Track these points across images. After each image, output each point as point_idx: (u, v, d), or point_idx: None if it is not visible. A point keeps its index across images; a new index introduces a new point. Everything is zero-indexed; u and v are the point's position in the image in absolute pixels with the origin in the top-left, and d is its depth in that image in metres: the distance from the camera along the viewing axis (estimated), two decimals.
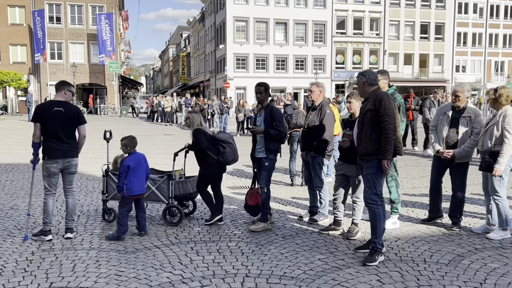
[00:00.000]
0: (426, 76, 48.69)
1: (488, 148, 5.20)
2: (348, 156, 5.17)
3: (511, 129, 5.04)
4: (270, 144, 5.57)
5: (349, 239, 5.19)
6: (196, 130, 5.81)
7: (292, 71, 44.95)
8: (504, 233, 5.17)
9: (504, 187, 5.18)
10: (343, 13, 45.73)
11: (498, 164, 5.03)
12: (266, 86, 5.71)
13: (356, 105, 5.21)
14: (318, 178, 5.90)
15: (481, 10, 49.97)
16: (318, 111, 5.88)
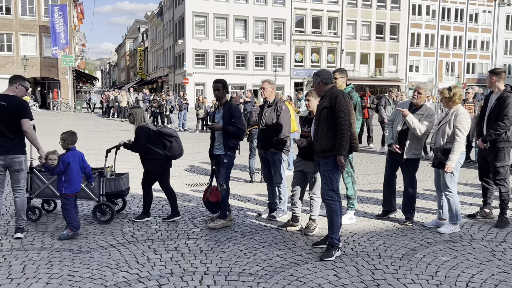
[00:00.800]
0: (381, 76, 50.04)
1: (441, 145, 5.39)
2: (306, 153, 5.23)
3: (462, 128, 5.25)
4: (229, 141, 5.56)
5: (307, 235, 5.26)
6: (139, 128, 5.70)
7: (252, 68, 45.03)
8: (454, 227, 5.39)
9: (455, 183, 5.39)
10: (302, 11, 46.24)
11: (450, 161, 5.23)
12: (224, 82, 5.68)
13: (315, 103, 5.27)
14: (279, 174, 5.94)
15: (433, 12, 51.85)
16: (273, 108, 5.93)
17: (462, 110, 5.36)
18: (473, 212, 6.12)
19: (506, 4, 54.25)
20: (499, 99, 5.62)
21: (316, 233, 5.29)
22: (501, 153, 5.66)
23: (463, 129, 5.25)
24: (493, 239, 5.13)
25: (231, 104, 5.66)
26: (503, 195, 5.68)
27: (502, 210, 5.70)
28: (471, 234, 5.32)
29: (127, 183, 6.10)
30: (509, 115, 5.51)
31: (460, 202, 5.68)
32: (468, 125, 5.30)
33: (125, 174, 6.09)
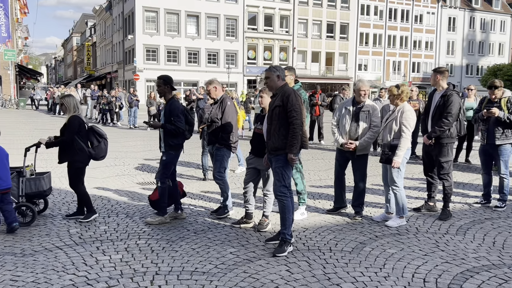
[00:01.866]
0: (331, 74, 51.11)
1: (388, 141, 5.57)
2: (258, 150, 5.24)
3: (408, 124, 5.43)
4: (169, 139, 5.48)
5: (260, 231, 5.27)
6: (72, 117, 5.53)
7: (205, 65, 44.70)
8: (401, 221, 5.58)
9: (401, 178, 5.58)
10: (255, 9, 46.38)
11: (396, 156, 5.41)
12: (166, 78, 5.55)
13: (267, 100, 5.29)
14: (218, 171, 5.90)
15: (381, 12, 53.52)
16: (219, 104, 5.95)
17: (407, 108, 5.55)
18: (418, 206, 6.36)
19: (448, 6, 56.87)
20: (443, 97, 5.87)
21: (269, 230, 5.32)
22: (445, 148, 5.91)
23: (408, 125, 5.43)
24: (437, 231, 5.36)
25: (173, 102, 5.54)
26: (446, 189, 5.94)
27: (445, 203, 5.96)
28: (416, 226, 5.53)
29: (49, 182, 5.85)
30: (453, 113, 5.76)
31: (406, 196, 5.89)
32: (413, 122, 5.49)
33: (46, 174, 5.83)
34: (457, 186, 7.84)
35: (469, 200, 6.89)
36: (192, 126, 5.75)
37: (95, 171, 9.00)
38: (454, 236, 5.14)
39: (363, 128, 5.73)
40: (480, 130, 6.64)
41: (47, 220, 5.63)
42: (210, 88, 6.09)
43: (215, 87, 6.08)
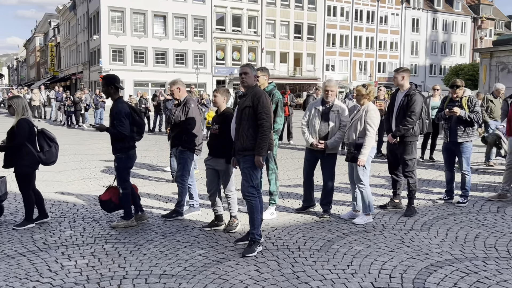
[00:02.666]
0: (300, 74, 51.55)
1: (353, 140, 5.66)
2: (215, 150, 5.22)
3: (372, 123, 5.54)
4: (116, 143, 5.33)
5: (229, 232, 5.27)
6: (21, 119, 5.28)
7: (173, 65, 44.27)
8: (367, 218, 5.69)
9: (367, 176, 5.69)
10: (222, 9, 46.30)
11: (361, 155, 5.51)
12: (108, 78, 5.36)
13: (221, 99, 5.27)
14: (181, 174, 5.82)
15: (347, 13, 54.38)
16: (183, 106, 5.87)
17: (372, 107, 5.66)
18: (384, 203, 6.50)
19: (411, 8, 58.33)
20: (407, 96, 6.01)
21: (239, 230, 5.32)
22: (409, 147, 6.06)
23: (373, 124, 5.54)
24: (402, 227, 5.49)
25: (117, 104, 5.32)
26: (411, 186, 6.09)
27: (410, 200, 6.11)
28: (382, 223, 5.65)
29: (4, 187, 5.67)
30: (416, 111, 5.91)
31: (372, 193, 6.01)
32: (377, 120, 5.60)
33: (1, 178, 5.64)
34: (421, 183, 8.05)
35: (433, 196, 7.09)
36: (140, 127, 5.54)
37: (60, 175, 8.78)
38: (419, 232, 5.28)
39: (332, 127, 5.81)
40: (443, 129, 6.84)
41: (9, 227, 5.45)
42: (174, 89, 5.98)
43: (179, 88, 5.97)
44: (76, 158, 11.11)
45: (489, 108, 9.92)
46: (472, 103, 6.40)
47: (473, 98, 6.49)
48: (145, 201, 6.77)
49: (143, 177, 8.76)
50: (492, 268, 4.16)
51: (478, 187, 7.80)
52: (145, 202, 6.72)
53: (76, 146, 13.90)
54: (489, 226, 5.48)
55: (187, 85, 10.57)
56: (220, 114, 5.31)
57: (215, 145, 5.23)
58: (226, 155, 5.16)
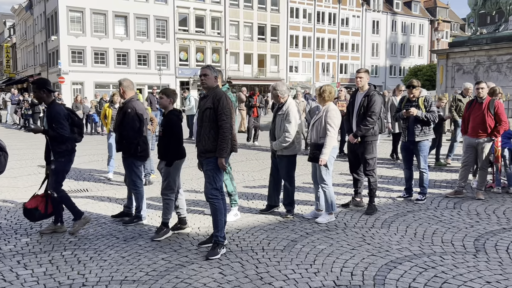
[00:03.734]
0: (264, 75, 51.76)
1: (315, 140, 5.73)
2: (160, 152, 5.20)
3: (333, 123, 5.62)
4: (56, 146, 5.15)
5: (154, 239, 5.06)
6: None
7: (135, 67, 43.51)
8: (330, 217, 5.77)
9: (329, 175, 5.77)
10: (185, 10, 45.91)
11: (323, 155, 5.57)
12: (39, 83, 5.17)
13: (167, 101, 5.22)
14: (131, 180, 5.67)
15: (309, 15, 55.04)
16: (120, 109, 5.68)
17: (332, 107, 5.74)
18: (346, 202, 6.61)
19: (371, 10, 59.68)
20: (366, 97, 6.14)
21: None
22: (369, 146, 6.19)
23: (333, 124, 5.62)
24: (364, 225, 5.59)
25: (53, 107, 5.14)
26: (371, 184, 6.22)
27: (371, 198, 6.24)
28: (344, 222, 5.74)
29: None
30: (376, 111, 6.05)
31: (334, 193, 6.09)
32: (338, 120, 5.69)
33: None
34: (382, 181, 8.25)
35: (393, 194, 7.27)
36: (80, 127, 5.37)
37: (16, 180, 8.46)
38: (380, 230, 5.40)
39: (278, 130, 5.85)
40: (401, 128, 7.03)
41: None
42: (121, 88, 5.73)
43: (123, 90, 5.72)
44: (33, 162, 10.74)
45: (458, 107, 10.22)
46: (428, 103, 6.60)
47: (429, 98, 6.69)
48: (107, 206, 6.63)
49: (104, 181, 8.56)
50: (448, 263, 4.30)
51: (436, 184, 8.05)
52: (107, 207, 6.57)
53: (33, 150, 13.44)
54: (446, 222, 5.66)
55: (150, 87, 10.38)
56: (165, 116, 5.25)
57: (160, 148, 5.19)
58: (167, 157, 5.13)
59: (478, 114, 6.77)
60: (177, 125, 5.27)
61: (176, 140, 5.22)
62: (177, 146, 5.24)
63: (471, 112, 6.89)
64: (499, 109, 6.70)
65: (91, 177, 9.00)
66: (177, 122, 5.33)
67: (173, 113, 5.33)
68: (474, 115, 6.83)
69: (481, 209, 6.23)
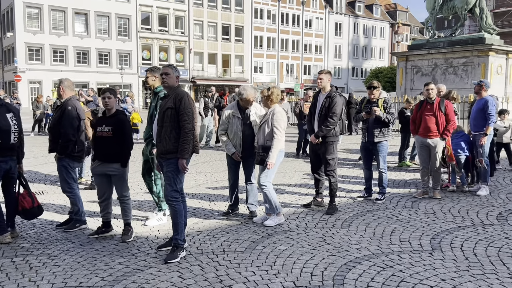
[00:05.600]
0: (229, 76, 51.70)
1: (262, 143, 5.60)
2: (105, 154, 5.02)
3: (279, 125, 5.49)
4: None
5: (126, 241, 4.98)
6: None
7: (96, 65, 42.54)
8: (279, 218, 5.63)
9: (269, 177, 5.58)
10: (148, 8, 45.23)
11: (269, 158, 5.45)
12: None
13: (113, 102, 5.08)
14: (66, 183, 5.43)
15: (273, 16, 55.36)
16: (59, 108, 5.47)
17: (278, 109, 5.60)
18: (308, 202, 6.64)
19: (334, 12, 60.65)
20: (328, 98, 6.19)
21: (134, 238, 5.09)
22: (330, 146, 6.24)
23: (279, 127, 5.47)
24: (324, 225, 5.63)
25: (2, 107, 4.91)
26: (332, 184, 6.27)
27: (332, 198, 6.29)
28: (305, 222, 5.76)
29: None
30: (337, 112, 6.12)
31: (296, 193, 6.11)
32: (284, 123, 5.54)
33: None
34: (343, 181, 8.35)
35: (353, 194, 7.37)
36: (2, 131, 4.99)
37: None
38: (340, 229, 5.45)
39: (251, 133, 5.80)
40: (361, 129, 7.13)
41: None
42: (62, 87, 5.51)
43: (62, 88, 5.51)
44: None
45: None
46: (388, 105, 6.72)
47: (388, 100, 6.82)
48: (63, 209, 6.40)
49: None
50: (406, 262, 4.38)
51: (395, 183, 8.22)
52: (63, 210, 6.34)
53: None
54: (404, 221, 5.78)
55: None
56: (111, 115, 5.08)
57: (107, 149, 5.00)
58: (122, 159, 5.00)
59: (430, 114, 6.95)
60: (129, 125, 5.19)
61: (129, 140, 5.12)
62: (131, 146, 5.15)
63: (422, 113, 7.06)
64: (448, 109, 6.93)
65: (47, 179, 8.69)
66: (129, 122, 5.25)
67: (122, 112, 5.23)
68: (425, 115, 7.00)
69: (437, 208, 6.41)
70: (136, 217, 5.80)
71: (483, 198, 7.00)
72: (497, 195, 7.21)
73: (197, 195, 7.32)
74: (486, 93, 7.42)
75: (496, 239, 5.04)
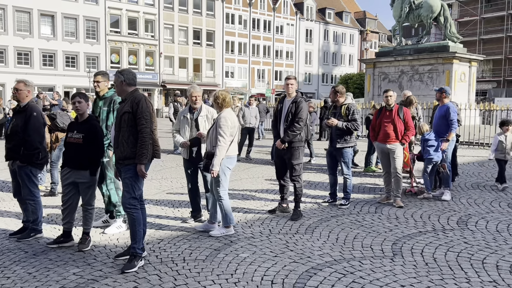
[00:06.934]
0: (200, 80, 51.32)
1: (209, 149, 5.43)
2: (75, 161, 4.83)
3: (223, 132, 5.25)
4: None
5: (82, 250, 4.80)
6: None
7: (62, 68, 41.47)
8: (226, 230, 5.41)
9: (224, 188, 5.39)
10: (117, 11, 44.50)
11: (213, 166, 5.21)
12: None
13: (85, 106, 4.92)
14: (29, 191, 5.23)
15: (245, 22, 55.44)
16: (23, 113, 5.21)
17: (223, 115, 5.35)
18: (273, 208, 6.59)
19: (305, 19, 61.24)
20: (294, 103, 6.18)
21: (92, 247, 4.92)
22: (296, 152, 6.22)
23: (223, 133, 5.25)
24: (288, 231, 5.59)
25: None
26: (297, 190, 6.25)
27: (297, 204, 6.27)
28: (269, 228, 5.70)
29: None
30: (303, 118, 6.12)
31: (262, 199, 6.04)
32: (228, 129, 5.29)
33: None
34: (309, 186, 8.35)
35: (318, 199, 7.37)
36: None
37: None
38: (303, 235, 5.42)
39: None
40: (328, 135, 7.16)
41: None
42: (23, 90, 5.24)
43: (29, 91, 5.29)
44: None
45: None
46: (350, 111, 6.76)
47: (351, 106, 6.85)
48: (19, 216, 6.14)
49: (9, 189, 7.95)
50: (367, 268, 4.38)
51: (360, 189, 8.28)
52: (19, 218, 6.08)
53: None
54: (367, 227, 5.80)
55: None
56: (83, 121, 4.92)
57: (78, 156, 4.82)
58: (92, 166, 4.85)
59: (389, 120, 7.03)
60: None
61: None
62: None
63: (382, 119, 7.15)
64: (407, 116, 7.04)
65: (4, 186, 8.35)
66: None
67: (94, 118, 5.06)
68: (384, 122, 7.08)
69: (400, 213, 6.47)
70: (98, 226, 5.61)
71: (445, 203, 7.11)
72: (458, 200, 7.35)
73: (161, 202, 7.17)
74: (447, 100, 7.58)
75: (455, 243, 5.11)
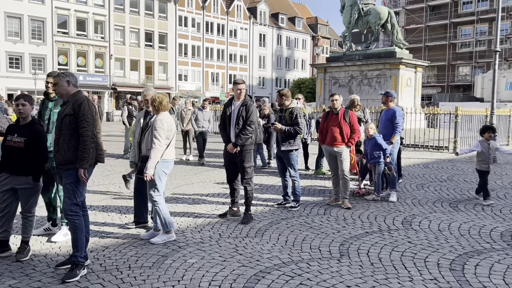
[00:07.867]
0: (152, 83, 50.43)
1: (144, 152, 5.31)
2: (15, 166, 4.60)
3: (158, 134, 5.13)
4: None
5: (20, 260, 4.56)
6: None
7: (5, 70, 39.56)
8: (168, 236, 5.27)
9: (159, 192, 5.25)
10: (65, 11, 43.01)
11: (147, 169, 5.07)
12: None
13: (29, 109, 4.70)
14: None
15: (198, 25, 55.10)
16: None
17: (160, 117, 5.21)
18: (223, 212, 6.53)
19: (258, 23, 61.68)
20: (244, 106, 6.17)
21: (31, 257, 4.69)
22: (248, 154, 6.22)
23: (158, 135, 5.13)
24: (238, 235, 5.55)
25: None
26: (248, 193, 6.23)
27: (247, 207, 6.25)
28: (219, 233, 5.64)
29: None
30: (254, 120, 6.16)
31: (212, 202, 5.95)
32: (163, 132, 5.16)
33: None
34: (260, 189, 8.36)
35: (269, 202, 7.38)
36: None
37: None
38: (253, 239, 5.40)
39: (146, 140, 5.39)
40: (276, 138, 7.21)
41: None
42: None
43: None
44: None
45: None
46: (293, 115, 6.82)
47: (295, 110, 6.88)
48: None
49: None
50: (314, 269, 4.41)
51: (310, 191, 8.38)
52: None
53: None
54: (316, 228, 5.86)
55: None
56: (25, 124, 4.69)
57: (19, 161, 4.59)
58: (35, 172, 4.63)
59: (335, 124, 7.18)
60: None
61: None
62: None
63: (329, 123, 7.28)
64: (352, 119, 7.22)
65: None
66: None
67: (37, 122, 4.83)
68: (331, 125, 7.22)
69: (348, 215, 6.59)
70: None
71: (391, 204, 7.32)
72: (403, 200, 7.59)
73: (107, 208, 6.94)
74: (393, 104, 7.82)
75: (400, 243, 5.25)
